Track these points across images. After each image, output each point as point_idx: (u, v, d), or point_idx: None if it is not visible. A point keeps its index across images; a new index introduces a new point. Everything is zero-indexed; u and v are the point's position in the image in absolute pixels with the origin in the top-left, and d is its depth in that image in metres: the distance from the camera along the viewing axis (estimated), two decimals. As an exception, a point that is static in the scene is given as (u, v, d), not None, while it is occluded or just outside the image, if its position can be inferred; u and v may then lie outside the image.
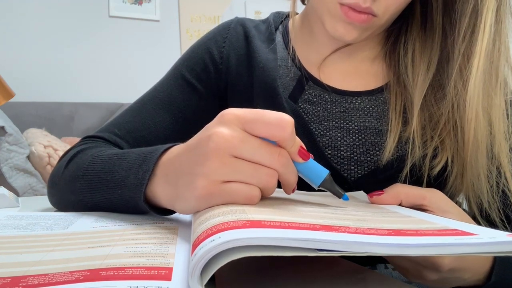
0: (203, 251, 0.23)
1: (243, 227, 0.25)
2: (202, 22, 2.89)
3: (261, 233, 0.24)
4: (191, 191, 0.32)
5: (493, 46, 0.48)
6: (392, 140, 0.53)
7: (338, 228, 0.26)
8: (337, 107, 0.57)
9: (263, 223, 0.26)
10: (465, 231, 0.27)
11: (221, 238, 0.23)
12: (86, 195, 0.43)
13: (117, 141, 0.58)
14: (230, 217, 0.27)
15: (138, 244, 0.31)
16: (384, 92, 0.57)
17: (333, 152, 0.56)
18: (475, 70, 0.47)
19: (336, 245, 0.23)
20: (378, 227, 0.27)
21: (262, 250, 0.23)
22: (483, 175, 0.49)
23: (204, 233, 0.26)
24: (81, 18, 2.55)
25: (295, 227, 0.25)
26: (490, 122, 0.49)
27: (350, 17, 0.49)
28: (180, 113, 0.62)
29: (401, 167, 0.52)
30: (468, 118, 0.49)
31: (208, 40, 0.65)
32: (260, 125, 0.32)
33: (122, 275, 0.24)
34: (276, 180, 0.33)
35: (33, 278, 0.24)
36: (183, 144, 0.36)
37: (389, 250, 0.23)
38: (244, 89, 0.61)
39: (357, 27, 0.50)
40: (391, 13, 0.50)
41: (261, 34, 0.64)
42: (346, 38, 0.51)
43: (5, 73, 1.01)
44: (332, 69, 0.60)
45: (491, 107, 0.49)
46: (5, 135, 1.72)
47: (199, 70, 0.63)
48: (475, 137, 0.48)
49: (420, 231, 0.27)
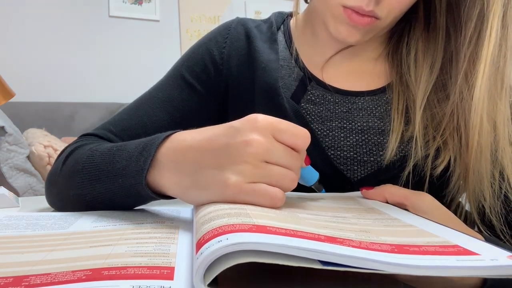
0: (209, 251, 0.23)
1: (249, 231, 0.25)
2: (202, 22, 2.89)
3: (268, 239, 0.24)
4: (219, 185, 0.34)
5: (499, 51, 0.48)
6: (394, 140, 0.53)
7: (342, 241, 0.26)
8: (340, 107, 0.57)
9: (268, 229, 0.26)
10: (467, 249, 0.27)
11: (229, 240, 0.24)
12: (86, 188, 0.43)
13: (111, 138, 0.58)
14: (235, 219, 0.28)
15: (140, 243, 0.31)
16: (387, 92, 0.57)
17: (336, 152, 0.56)
18: (481, 75, 0.47)
19: (340, 259, 0.24)
20: (381, 241, 0.28)
21: (268, 257, 0.23)
22: (486, 180, 0.49)
23: (210, 233, 0.26)
24: (81, 18, 2.55)
25: (300, 236, 0.25)
26: (495, 127, 0.49)
27: (353, 20, 0.49)
28: (177, 112, 0.61)
29: (404, 167, 0.52)
30: (473, 123, 0.49)
31: (209, 41, 0.65)
32: (288, 135, 0.36)
33: (125, 274, 0.24)
34: (296, 183, 0.36)
35: (35, 278, 0.24)
36: (198, 135, 0.37)
37: (393, 268, 0.24)
38: (245, 90, 0.61)
39: (360, 30, 0.50)
40: (394, 16, 0.50)
41: (262, 34, 0.64)
42: (349, 40, 0.51)
43: (5, 73, 1.01)
44: (334, 70, 0.60)
45: (496, 113, 0.49)
46: (5, 135, 1.71)
47: (199, 70, 0.63)
48: (479, 143, 0.48)
49: (422, 248, 0.27)
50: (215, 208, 0.32)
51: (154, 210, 0.45)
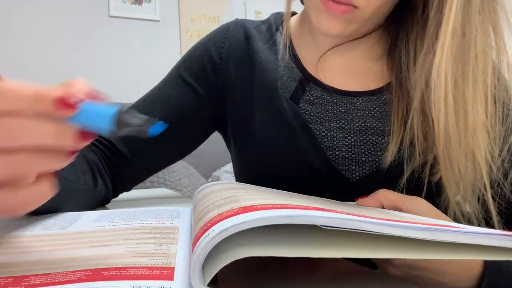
0: (200, 248, 0.23)
1: (235, 214, 0.25)
2: (202, 22, 2.89)
3: (252, 215, 0.23)
4: None
5: (462, 35, 0.45)
6: (394, 144, 0.52)
7: (331, 210, 0.26)
8: (339, 107, 0.57)
9: (255, 207, 0.26)
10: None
11: (214, 231, 0.23)
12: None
13: (108, 138, 0.59)
14: (224, 208, 0.27)
15: (139, 244, 0.31)
16: (386, 93, 0.57)
17: (334, 152, 0.56)
18: (440, 51, 0.45)
19: (330, 221, 0.23)
20: (373, 215, 0.28)
21: (265, 249, 0.23)
22: (459, 171, 0.47)
23: (201, 229, 0.26)
24: (81, 18, 2.55)
25: (288, 207, 0.25)
26: (465, 111, 0.46)
27: (330, 8, 0.49)
28: (174, 109, 0.62)
29: (403, 169, 0.52)
30: (435, 104, 0.46)
31: (208, 41, 0.65)
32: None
33: (125, 275, 0.25)
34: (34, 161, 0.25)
35: (35, 278, 0.24)
36: None
37: (380, 228, 0.24)
38: (244, 90, 0.61)
39: (340, 19, 0.50)
40: (374, 6, 0.49)
41: (261, 35, 0.64)
42: (331, 32, 0.51)
43: (5, 73, 1.01)
44: (333, 70, 0.60)
45: (464, 94, 0.46)
46: (5, 135, 1.71)
47: (197, 70, 0.63)
48: (445, 128, 0.46)
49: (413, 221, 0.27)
50: (208, 203, 0.32)
51: (154, 210, 0.45)
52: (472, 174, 0.47)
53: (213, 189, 0.40)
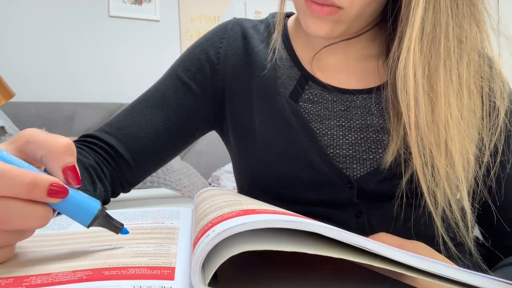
0: (200, 248, 0.23)
1: (236, 216, 0.25)
2: (202, 22, 2.89)
3: (253, 218, 0.24)
4: None
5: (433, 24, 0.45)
6: (394, 143, 0.52)
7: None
8: (338, 105, 0.57)
9: (257, 211, 0.26)
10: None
11: (215, 231, 0.23)
12: None
13: (107, 139, 0.59)
14: (225, 210, 0.28)
15: (140, 244, 0.31)
16: (385, 90, 0.57)
17: (335, 150, 0.56)
18: (407, 45, 0.45)
19: (328, 231, 0.24)
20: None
21: (261, 243, 0.23)
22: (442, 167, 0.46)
23: (202, 230, 0.26)
24: (81, 18, 2.55)
25: (289, 214, 0.25)
26: (436, 103, 0.45)
27: (313, 10, 0.49)
28: (172, 112, 0.62)
29: (402, 168, 0.52)
30: (402, 97, 0.46)
31: (205, 41, 0.65)
32: None
33: (125, 274, 0.25)
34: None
35: (36, 278, 0.24)
36: None
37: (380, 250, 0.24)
38: (243, 90, 0.61)
39: (326, 21, 0.50)
40: (360, 5, 0.48)
41: (259, 34, 0.64)
42: (319, 33, 0.51)
43: (5, 73, 1.01)
44: (331, 69, 0.60)
45: (434, 87, 0.45)
46: (5, 135, 1.71)
47: (195, 70, 0.63)
48: (416, 120, 0.46)
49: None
50: (210, 205, 0.33)
51: (154, 211, 0.45)
52: (444, 167, 0.46)
53: (215, 192, 0.40)
